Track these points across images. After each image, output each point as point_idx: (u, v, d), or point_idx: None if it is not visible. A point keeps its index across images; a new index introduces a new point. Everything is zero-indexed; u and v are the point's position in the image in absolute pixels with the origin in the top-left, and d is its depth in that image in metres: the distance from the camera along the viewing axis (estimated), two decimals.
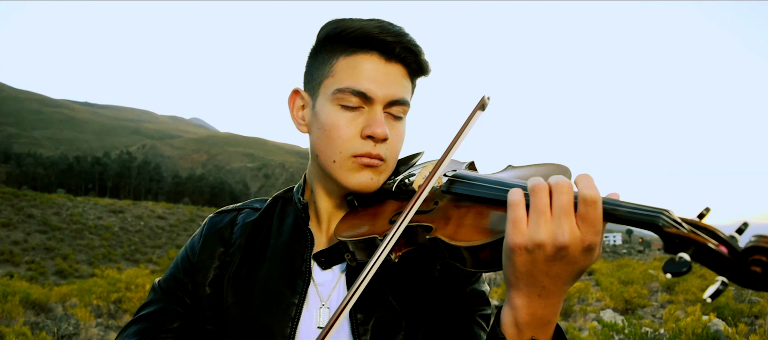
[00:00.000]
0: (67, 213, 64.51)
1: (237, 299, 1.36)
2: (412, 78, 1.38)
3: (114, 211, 71.84)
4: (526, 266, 0.96)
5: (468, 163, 1.40)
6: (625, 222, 0.92)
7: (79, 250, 52.64)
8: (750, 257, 0.79)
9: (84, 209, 68.64)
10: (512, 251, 0.95)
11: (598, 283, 22.79)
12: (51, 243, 52.30)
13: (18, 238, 51.85)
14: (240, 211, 1.56)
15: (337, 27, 1.32)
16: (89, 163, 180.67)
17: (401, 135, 1.37)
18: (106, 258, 49.72)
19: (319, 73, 1.35)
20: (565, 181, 0.94)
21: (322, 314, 1.32)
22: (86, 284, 18.64)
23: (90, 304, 15.49)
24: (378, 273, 1.27)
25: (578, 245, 0.93)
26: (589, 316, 15.59)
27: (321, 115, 1.32)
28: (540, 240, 0.92)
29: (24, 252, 47.33)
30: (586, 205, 0.91)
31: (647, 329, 10.75)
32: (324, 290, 1.36)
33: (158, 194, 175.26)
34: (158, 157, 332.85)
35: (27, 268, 40.35)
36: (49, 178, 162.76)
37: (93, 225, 62.45)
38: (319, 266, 1.38)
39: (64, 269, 40.91)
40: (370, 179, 1.32)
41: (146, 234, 66.57)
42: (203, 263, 1.45)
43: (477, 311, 1.38)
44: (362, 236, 1.23)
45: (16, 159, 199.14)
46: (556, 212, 0.93)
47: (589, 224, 0.91)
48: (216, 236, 1.49)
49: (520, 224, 0.94)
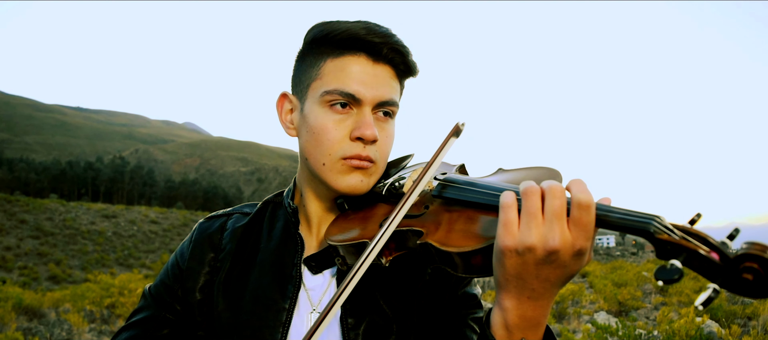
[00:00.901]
0: (59, 218, 64.26)
1: (227, 305, 1.35)
2: (400, 79, 1.38)
3: (107, 216, 71.65)
4: (515, 269, 0.96)
5: (458, 166, 1.40)
6: (617, 228, 0.92)
7: (72, 255, 52.44)
8: (741, 264, 0.80)
9: (77, 214, 68.37)
10: (502, 253, 0.95)
11: (592, 285, 22.87)
12: (44, 248, 52.08)
13: (11, 243, 51.60)
14: (230, 216, 1.55)
15: (324, 29, 1.32)
16: (82, 168, 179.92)
17: (391, 136, 1.37)
18: (99, 263, 49.57)
19: (306, 76, 1.35)
20: (557, 185, 0.94)
21: (313, 318, 1.32)
22: (79, 290, 18.53)
23: (83, 309, 15.42)
24: (368, 277, 1.27)
25: (569, 250, 0.93)
26: (583, 318, 15.63)
27: (309, 117, 1.32)
28: (531, 243, 0.92)
29: (17, 257, 47.14)
30: (579, 209, 0.91)
31: (641, 331, 10.78)
32: (315, 295, 1.35)
33: (151, 198, 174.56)
34: (151, 162, 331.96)
35: (20, 273, 40.17)
36: (42, 183, 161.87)
37: (86, 230, 62.21)
38: (309, 271, 1.37)
39: (58, 274, 40.77)
40: (360, 181, 1.32)
41: (139, 239, 66.40)
42: (193, 269, 1.44)
43: (469, 315, 1.38)
44: (352, 240, 1.23)
45: (9, 164, 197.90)
46: (548, 215, 0.93)
47: (581, 228, 0.92)
48: (205, 242, 1.49)
49: (512, 227, 0.95)
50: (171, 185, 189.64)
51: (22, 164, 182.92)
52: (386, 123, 1.35)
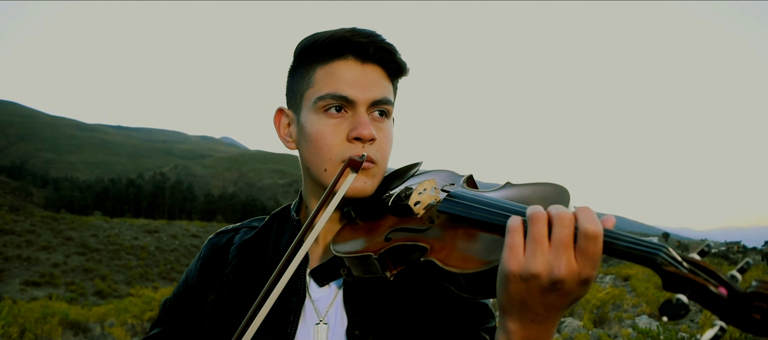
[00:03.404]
0: (104, 234, 65.60)
1: (234, 319, 1.37)
2: (391, 79, 1.38)
3: (149, 231, 72.83)
4: (519, 294, 0.94)
5: (466, 177, 1.38)
6: (623, 257, 0.89)
7: (116, 270, 53.45)
8: (751, 302, 0.77)
9: (120, 230, 69.72)
10: (507, 278, 0.94)
11: (634, 289, 22.32)
12: (90, 264, 53.21)
13: (58, 260, 52.80)
14: (237, 231, 1.58)
15: (311, 39, 1.34)
16: (124, 185, 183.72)
17: (389, 136, 1.37)
18: (143, 277, 50.46)
19: (299, 87, 1.36)
20: (566, 213, 0.92)
21: (320, 330, 1.32)
22: (122, 304, 18.99)
23: (125, 323, 15.76)
24: (375, 290, 1.28)
25: (575, 279, 0.91)
26: (624, 322, 15.29)
27: (306, 126, 1.33)
28: (535, 271, 0.91)
29: (64, 274, 48.23)
30: (587, 240, 0.89)
31: (684, 335, 10.51)
32: (321, 306, 1.35)
33: (192, 212, 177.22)
34: (191, 177, 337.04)
35: (67, 289, 41.17)
36: (86, 201, 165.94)
37: (129, 245, 63.41)
38: (315, 283, 1.38)
39: (103, 289, 41.65)
40: (363, 183, 1.31)
41: (181, 252, 67.31)
42: (201, 285, 1.47)
43: (481, 325, 1.34)
44: (357, 253, 1.22)
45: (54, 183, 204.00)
46: (554, 244, 0.91)
47: (587, 258, 0.90)
48: (213, 257, 1.51)
49: (517, 251, 0.93)
50: (211, 199, 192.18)
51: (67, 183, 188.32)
52: (383, 123, 1.35)
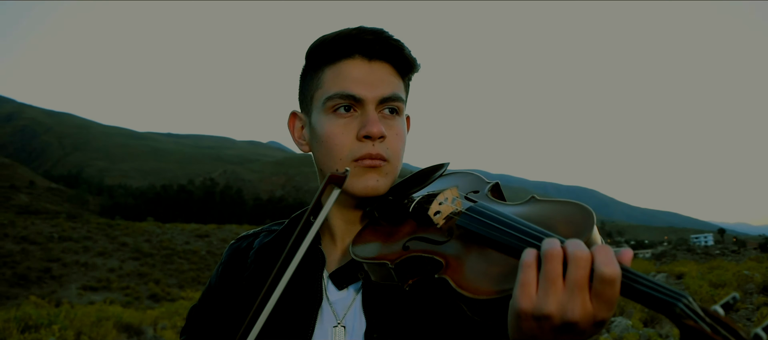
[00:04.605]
0: (157, 240, 67.09)
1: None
2: (402, 76, 1.37)
3: (200, 235, 74.10)
4: (531, 331, 0.91)
5: (491, 185, 1.34)
6: (640, 301, 0.84)
7: (169, 274, 54.66)
8: None
9: (172, 235, 71.18)
10: (518, 315, 0.90)
11: (688, 287, 21.68)
12: (144, 269, 54.54)
13: (114, 265, 54.25)
14: (257, 235, 1.60)
15: (319, 40, 1.35)
16: (175, 191, 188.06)
17: (400, 134, 1.35)
18: (195, 281, 51.50)
19: (309, 89, 1.38)
20: (582, 253, 0.86)
21: (338, 333, 1.31)
22: (173, 307, 19.49)
23: (175, 326, 16.18)
24: (394, 295, 1.28)
25: (589, 321, 0.87)
26: None
27: (317, 127, 1.34)
28: (548, 312, 0.87)
29: (119, 278, 49.59)
30: (603, 283, 0.84)
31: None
32: (339, 309, 1.35)
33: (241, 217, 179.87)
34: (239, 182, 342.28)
35: (123, 293, 42.39)
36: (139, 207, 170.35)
37: (181, 250, 64.72)
38: (334, 285, 1.38)
39: (157, 293, 42.69)
40: (376, 181, 1.31)
41: None
42: (222, 289, 1.51)
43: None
44: (375, 259, 1.21)
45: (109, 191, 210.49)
46: (569, 285, 0.86)
47: (603, 301, 0.86)
48: (234, 262, 1.55)
49: (530, 289, 0.89)
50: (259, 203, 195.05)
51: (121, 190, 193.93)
52: (393, 120, 1.34)
